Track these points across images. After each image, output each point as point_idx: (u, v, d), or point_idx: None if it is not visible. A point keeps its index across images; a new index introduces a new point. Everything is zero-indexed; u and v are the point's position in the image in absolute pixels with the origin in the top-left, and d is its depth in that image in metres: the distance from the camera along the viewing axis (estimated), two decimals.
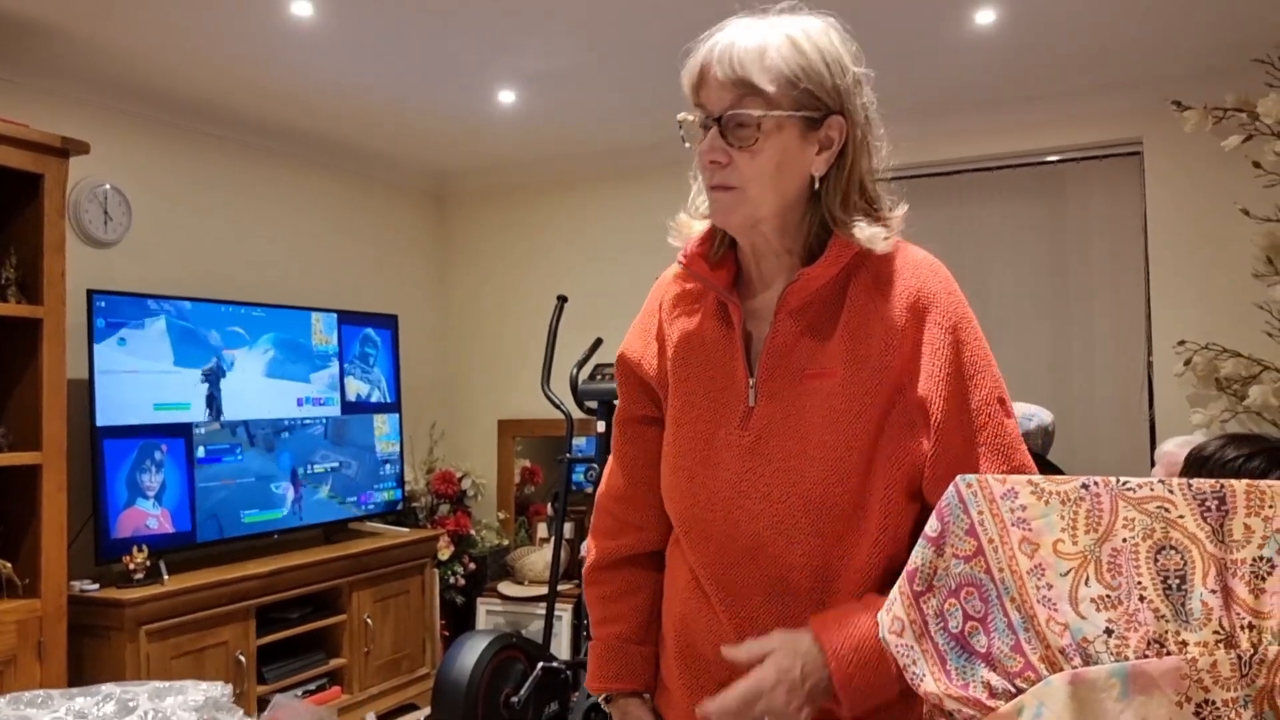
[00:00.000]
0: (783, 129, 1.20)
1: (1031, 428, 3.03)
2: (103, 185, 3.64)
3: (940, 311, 1.24)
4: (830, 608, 1.21)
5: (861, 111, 1.25)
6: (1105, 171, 4.22)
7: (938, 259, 1.32)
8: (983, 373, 1.23)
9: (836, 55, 1.23)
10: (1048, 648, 0.94)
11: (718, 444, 1.27)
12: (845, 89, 1.23)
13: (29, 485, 2.97)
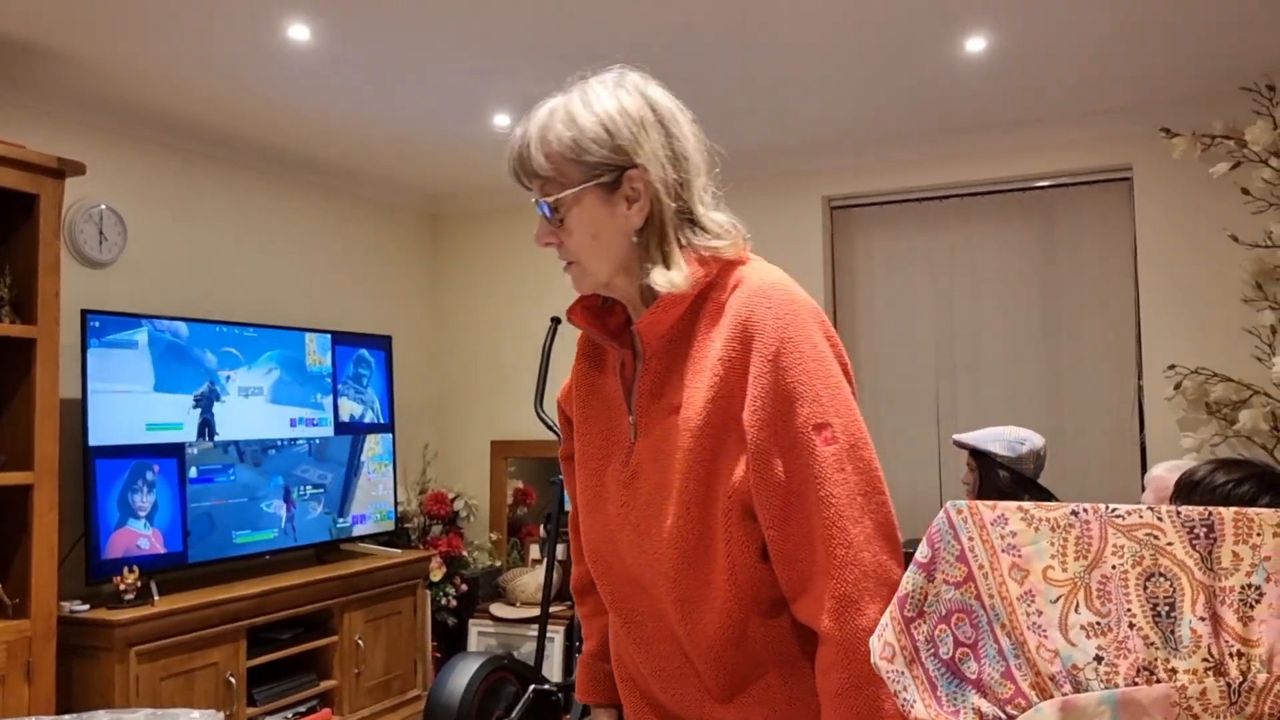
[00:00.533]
0: (582, 201, 1.26)
1: (1024, 451, 3.04)
2: (98, 206, 3.65)
3: (763, 339, 1.22)
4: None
5: (659, 154, 1.27)
6: (1095, 197, 4.26)
7: (780, 278, 1.30)
8: (801, 398, 1.20)
9: (615, 112, 1.26)
10: (1038, 674, 0.95)
11: (607, 479, 1.33)
12: (630, 142, 1.25)
13: (20, 505, 2.96)
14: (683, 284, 1.25)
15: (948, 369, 4.48)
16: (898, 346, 4.57)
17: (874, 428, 4.56)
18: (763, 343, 1.21)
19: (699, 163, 1.33)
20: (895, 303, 4.58)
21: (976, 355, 4.43)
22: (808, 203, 4.65)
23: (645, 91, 1.30)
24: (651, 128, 1.27)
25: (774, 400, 1.19)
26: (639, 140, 1.25)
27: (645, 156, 1.25)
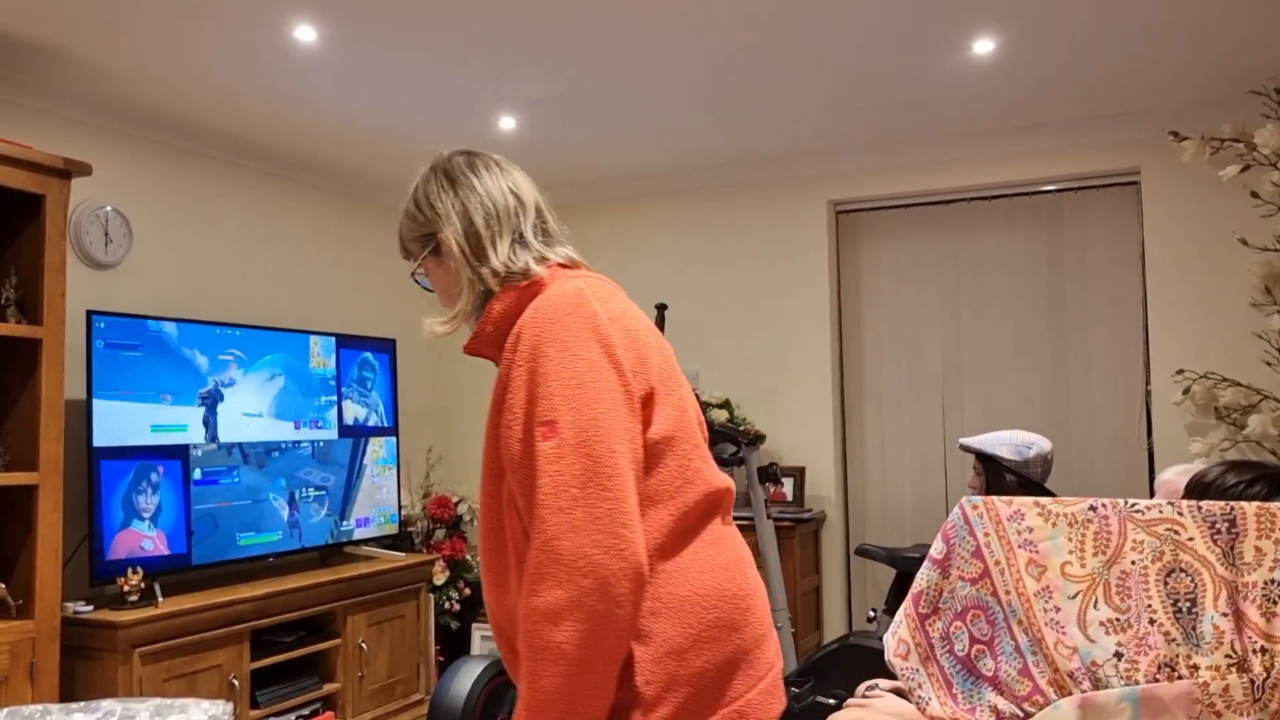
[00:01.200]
0: (425, 265, 1.55)
1: (1031, 456, 3.03)
2: (104, 207, 3.65)
3: (523, 346, 1.34)
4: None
5: (451, 214, 1.50)
6: (1103, 201, 4.25)
7: (561, 290, 1.39)
8: (538, 398, 1.29)
9: (422, 192, 1.55)
10: (1056, 671, 0.93)
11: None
12: (431, 213, 1.52)
13: (25, 505, 2.95)
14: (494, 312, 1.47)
15: (954, 374, 4.47)
16: (903, 351, 4.55)
17: (879, 432, 4.55)
18: (521, 350, 1.34)
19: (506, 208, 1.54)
20: (901, 307, 4.57)
21: (983, 360, 4.42)
22: (813, 207, 4.64)
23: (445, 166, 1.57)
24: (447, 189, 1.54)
25: (522, 401, 1.31)
26: (436, 208, 1.52)
27: (442, 219, 1.51)
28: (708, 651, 1.31)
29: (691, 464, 1.37)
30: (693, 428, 1.41)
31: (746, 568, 1.40)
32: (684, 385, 1.46)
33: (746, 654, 1.35)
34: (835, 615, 4.50)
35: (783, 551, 4.04)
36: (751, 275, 4.74)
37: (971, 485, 3.16)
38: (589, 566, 1.21)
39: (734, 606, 1.34)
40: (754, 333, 4.71)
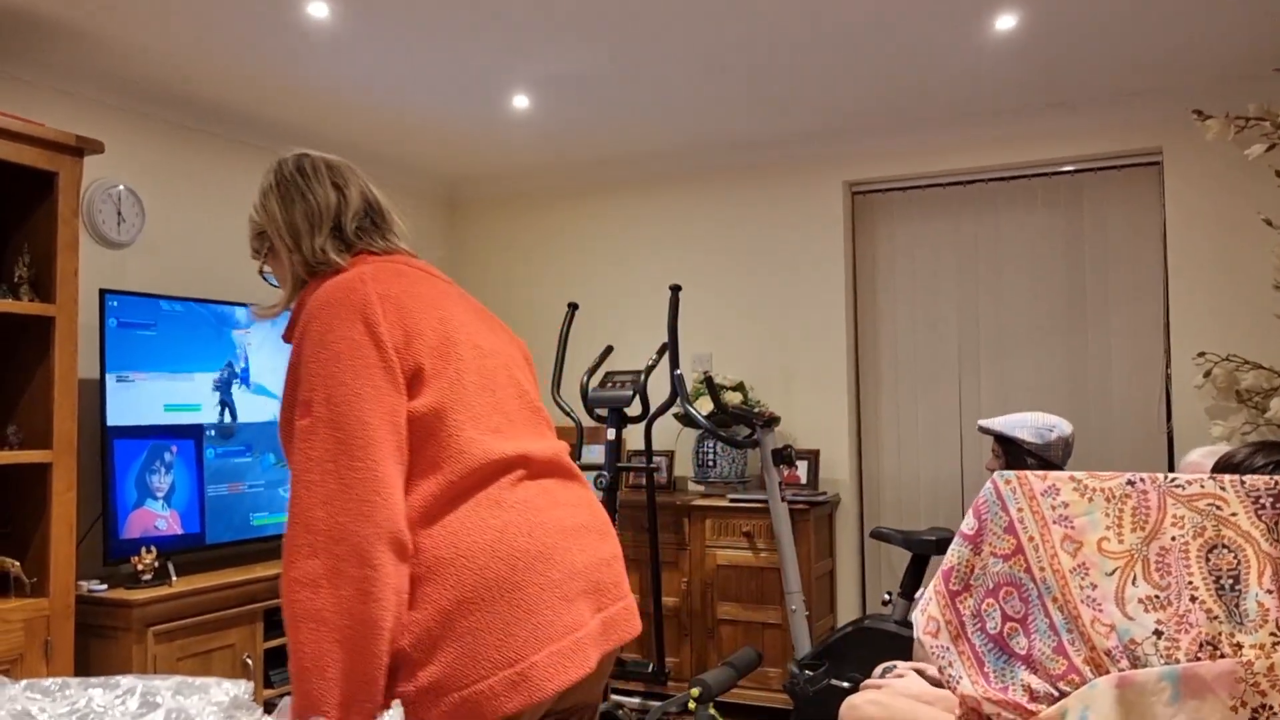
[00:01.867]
0: (270, 262, 1.68)
1: (1052, 439, 3.00)
2: (116, 186, 3.63)
3: (297, 334, 1.45)
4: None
5: (276, 213, 1.63)
6: (1124, 182, 4.19)
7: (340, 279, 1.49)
8: (299, 381, 1.39)
9: (258, 195, 1.67)
10: (1093, 649, 0.90)
11: None
12: (263, 213, 1.64)
13: (39, 484, 2.95)
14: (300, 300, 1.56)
15: (971, 357, 4.43)
16: (920, 333, 4.51)
17: (894, 415, 4.52)
18: (297, 335, 1.45)
19: (325, 205, 1.62)
20: (918, 289, 4.53)
21: (1000, 343, 4.37)
22: (829, 188, 4.59)
23: (277, 169, 1.69)
24: (269, 193, 1.66)
25: (290, 384, 1.43)
26: (262, 211, 1.65)
27: (265, 220, 1.64)
28: (477, 612, 1.32)
29: (464, 434, 1.41)
30: (471, 399, 1.45)
31: (540, 530, 1.41)
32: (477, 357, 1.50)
33: (531, 615, 1.35)
34: (849, 599, 4.48)
35: (797, 534, 4.02)
36: (767, 256, 4.70)
37: (990, 468, 3.12)
38: (342, 534, 1.26)
39: (509, 566, 1.35)
40: (769, 314, 4.68)
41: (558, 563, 1.40)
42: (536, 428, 1.56)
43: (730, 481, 4.44)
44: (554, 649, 1.35)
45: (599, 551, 1.49)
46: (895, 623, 3.67)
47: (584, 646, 1.39)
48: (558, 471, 1.53)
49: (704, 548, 4.30)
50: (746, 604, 4.21)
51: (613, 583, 1.50)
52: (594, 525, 1.52)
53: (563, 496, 1.50)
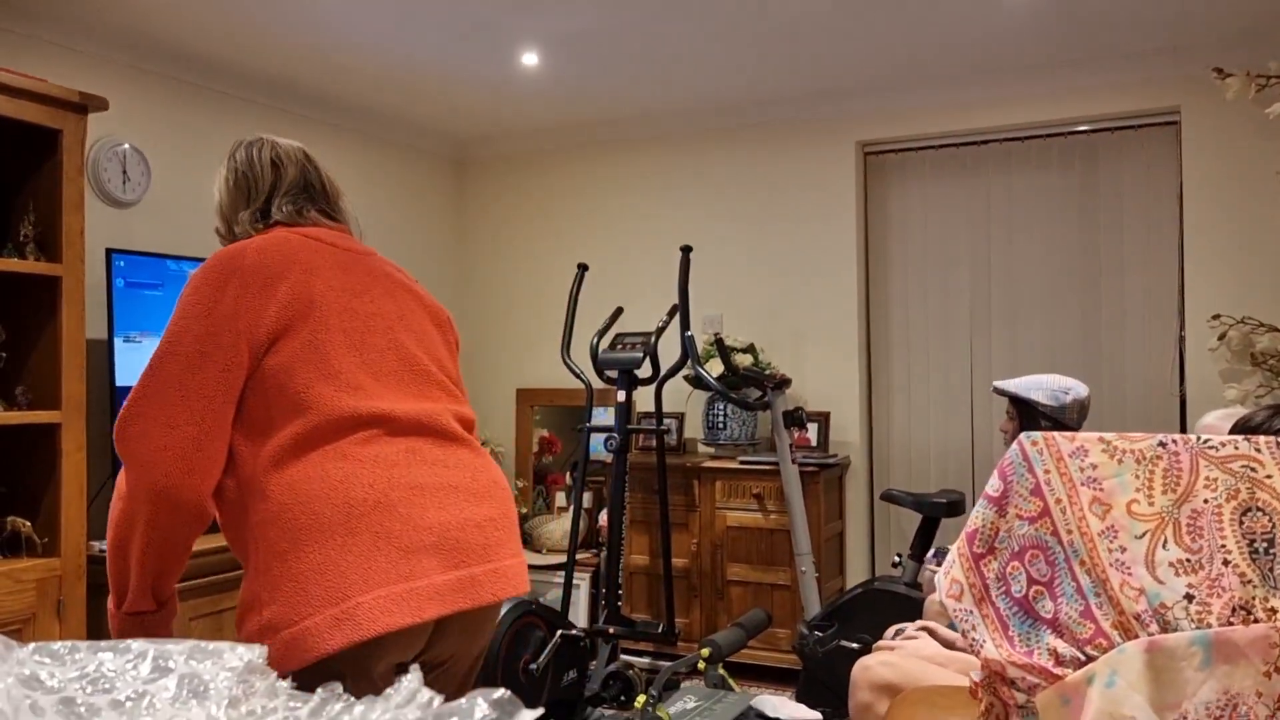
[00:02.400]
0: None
1: (1068, 401, 2.97)
2: (121, 145, 3.60)
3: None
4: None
5: (219, 191, 1.80)
6: (1140, 142, 4.13)
7: (227, 248, 1.63)
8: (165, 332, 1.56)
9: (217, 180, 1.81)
10: (1121, 614, 0.89)
11: None
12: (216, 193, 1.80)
13: (48, 444, 2.94)
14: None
15: (983, 319, 4.39)
16: (932, 296, 4.48)
17: (905, 378, 4.49)
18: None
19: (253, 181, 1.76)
20: (930, 251, 4.48)
21: (1013, 305, 4.34)
22: (841, 149, 4.54)
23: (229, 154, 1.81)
24: (219, 178, 1.80)
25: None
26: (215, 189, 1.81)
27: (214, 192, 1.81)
28: (310, 554, 1.42)
29: (313, 390, 1.51)
30: (329, 358, 1.54)
31: (384, 484, 1.49)
32: (346, 319, 1.59)
33: (361, 560, 1.43)
34: (858, 561, 4.49)
35: (807, 497, 4.01)
36: (778, 217, 4.66)
37: (1004, 430, 3.10)
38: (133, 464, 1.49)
39: (344, 514, 1.45)
40: (780, 276, 4.64)
41: (400, 516, 1.47)
42: (417, 389, 1.63)
43: (740, 444, 4.43)
44: (382, 593, 1.42)
45: (465, 512, 1.55)
46: (905, 585, 3.67)
47: (418, 597, 1.44)
48: (432, 433, 1.59)
49: (714, 509, 4.30)
50: (756, 565, 4.21)
51: (480, 544, 1.55)
52: (468, 487, 1.58)
53: (432, 456, 1.57)
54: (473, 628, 1.60)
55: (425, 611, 1.44)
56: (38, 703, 0.57)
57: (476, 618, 1.59)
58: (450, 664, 1.63)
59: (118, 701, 0.61)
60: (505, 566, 1.58)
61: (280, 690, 0.71)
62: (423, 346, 1.69)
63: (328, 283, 1.61)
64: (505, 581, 1.58)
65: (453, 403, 1.68)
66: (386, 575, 1.43)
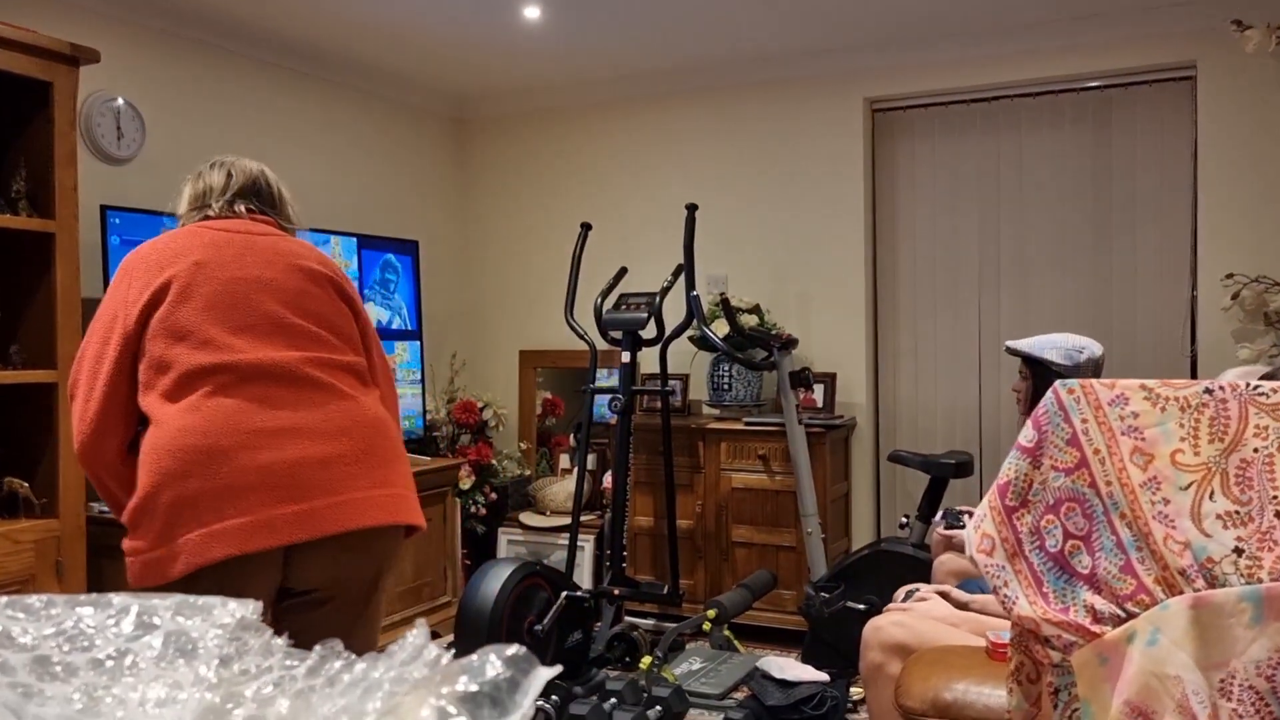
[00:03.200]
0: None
1: (1082, 360, 2.91)
2: (115, 100, 3.52)
3: None
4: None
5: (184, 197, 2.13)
6: (1155, 97, 4.04)
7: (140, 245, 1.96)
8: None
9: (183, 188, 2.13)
10: (1165, 568, 0.84)
11: None
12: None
13: (44, 404, 2.89)
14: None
15: (991, 278, 4.33)
16: (940, 255, 4.41)
17: (912, 338, 4.44)
18: None
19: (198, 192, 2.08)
20: (939, 210, 4.41)
21: (1023, 264, 4.27)
22: (848, 105, 4.45)
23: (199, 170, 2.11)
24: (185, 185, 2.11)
25: None
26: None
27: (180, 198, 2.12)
28: (160, 495, 1.70)
29: (170, 353, 1.78)
30: (177, 325, 1.79)
31: (219, 431, 1.71)
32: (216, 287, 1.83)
33: (194, 501, 1.68)
34: (864, 522, 4.46)
35: (813, 458, 3.97)
36: (784, 176, 4.58)
37: (1016, 390, 3.05)
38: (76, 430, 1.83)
39: (184, 460, 1.70)
40: (786, 235, 4.57)
41: (231, 459, 1.70)
42: (280, 340, 1.83)
43: (745, 405, 4.38)
44: (205, 531, 1.66)
45: (306, 451, 1.73)
46: (912, 546, 3.64)
47: (243, 532, 1.67)
48: (286, 379, 1.79)
49: (719, 471, 4.26)
50: (761, 527, 4.18)
51: (315, 481, 1.73)
52: (316, 429, 1.76)
53: (281, 401, 1.76)
54: (338, 556, 1.78)
55: (249, 545, 1.67)
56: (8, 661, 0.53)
57: (337, 546, 1.76)
58: (334, 590, 1.84)
59: (97, 660, 0.56)
60: (354, 499, 1.75)
61: (276, 648, 0.66)
62: (293, 305, 1.88)
63: (208, 263, 1.87)
64: (351, 513, 1.75)
65: (324, 351, 1.87)
66: (211, 512, 1.67)
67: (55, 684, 0.54)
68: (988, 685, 1.71)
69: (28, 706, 0.50)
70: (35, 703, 0.53)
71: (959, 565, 2.86)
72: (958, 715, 1.67)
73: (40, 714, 0.51)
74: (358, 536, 1.78)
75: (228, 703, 0.62)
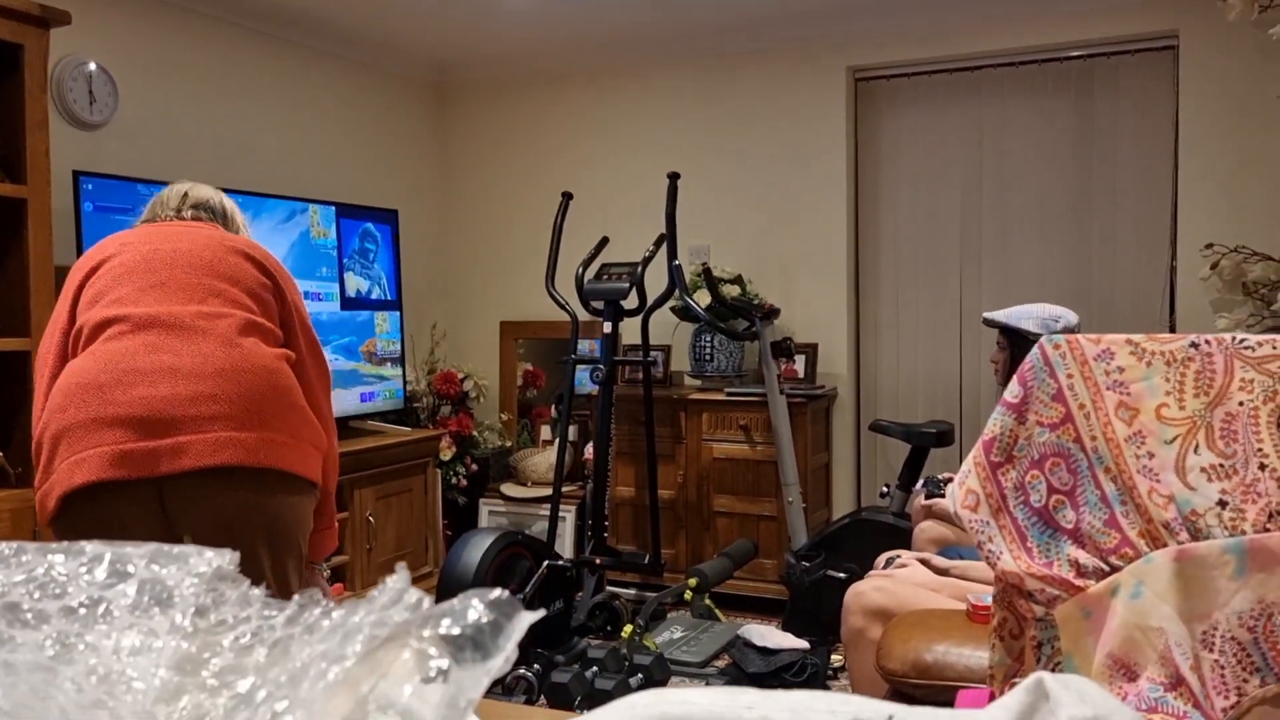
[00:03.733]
0: None
1: (1058, 329, 2.92)
2: (87, 64, 3.45)
3: None
4: None
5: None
6: (1136, 67, 4.04)
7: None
8: None
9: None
10: (1149, 522, 0.84)
11: None
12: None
13: (17, 372, 2.86)
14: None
15: (973, 248, 4.33)
16: (922, 224, 4.41)
17: (893, 308, 4.44)
18: None
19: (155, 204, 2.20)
20: (921, 180, 4.40)
21: (1004, 234, 4.27)
22: (832, 75, 4.43)
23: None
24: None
25: None
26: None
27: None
28: (45, 431, 1.82)
29: (86, 315, 1.90)
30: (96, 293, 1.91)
31: (98, 370, 1.80)
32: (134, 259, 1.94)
33: (69, 431, 1.78)
34: (845, 492, 4.48)
35: (794, 428, 3.98)
36: (767, 145, 4.56)
37: (994, 361, 3.05)
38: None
39: (67, 395, 1.80)
40: (768, 205, 4.56)
41: (105, 393, 1.78)
42: (183, 297, 1.91)
43: (727, 375, 4.38)
44: (72, 459, 1.76)
45: (174, 389, 1.79)
46: (892, 515, 3.66)
47: (104, 457, 1.74)
48: (176, 328, 1.86)
49: (700, 441, 4.26)
50: (742, 497, 4.19)
51: (183, 417, 1.78)
52: (192, 370, 1.81)
53: (167, 346, 1.83)
54: (213, 497, 1.81)
55: (109, 472, 1.74)
56: None
57: (209, 485, 1.79)
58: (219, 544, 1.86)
59: (69, 608, 0.55)
60: (221, 437, 1.79)
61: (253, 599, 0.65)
62: (206, 268, 1.96)
63: (134, 243, 1.99)
64: (215, 450, 1.78)
65: (223, 307, 1.92)
66: (81, 442, 1.76)
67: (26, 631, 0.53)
68: (968, 647, 1.72)
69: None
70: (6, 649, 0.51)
71: (939, 533, 2.88)
72: (938, 676, 1.68)
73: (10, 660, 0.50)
74: (226, 476, 1.80)
75: (204, 652, 0.61)
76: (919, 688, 1.69)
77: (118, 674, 0.53)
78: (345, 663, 0.50)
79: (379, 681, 0.49)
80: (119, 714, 0.50)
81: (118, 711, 0.51)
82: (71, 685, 0.50)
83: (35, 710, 0.47)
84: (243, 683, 0.56)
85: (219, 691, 0.56)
